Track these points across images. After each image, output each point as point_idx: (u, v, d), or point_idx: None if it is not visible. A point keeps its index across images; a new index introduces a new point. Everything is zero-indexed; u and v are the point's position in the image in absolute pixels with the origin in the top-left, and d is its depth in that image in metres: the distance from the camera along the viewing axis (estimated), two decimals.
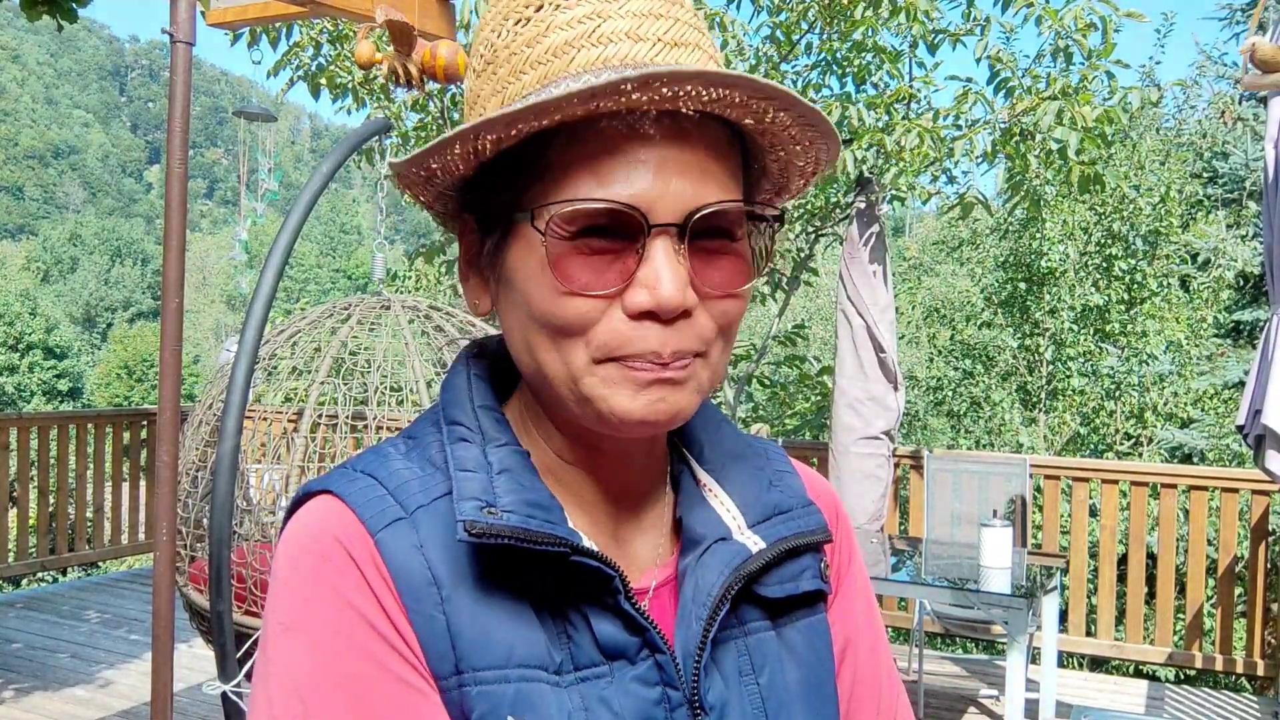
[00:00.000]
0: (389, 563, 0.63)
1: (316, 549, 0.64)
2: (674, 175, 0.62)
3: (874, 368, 5.18)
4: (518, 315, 0.66)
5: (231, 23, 3.07)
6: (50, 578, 10.45)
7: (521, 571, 0.64)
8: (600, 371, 0.63)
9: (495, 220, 0.67)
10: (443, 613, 0.63)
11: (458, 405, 0.70)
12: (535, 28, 0.64)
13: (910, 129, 4.90)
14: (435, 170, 0.65)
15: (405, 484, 0.66)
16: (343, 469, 0.68)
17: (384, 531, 0.64)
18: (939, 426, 12.32)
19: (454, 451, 0.67)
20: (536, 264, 0.63)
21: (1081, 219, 10.71)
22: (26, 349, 36.50)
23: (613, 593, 0.65)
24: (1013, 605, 3.57)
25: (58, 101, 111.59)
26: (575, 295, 0.62)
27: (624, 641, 0.65)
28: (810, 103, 0.64)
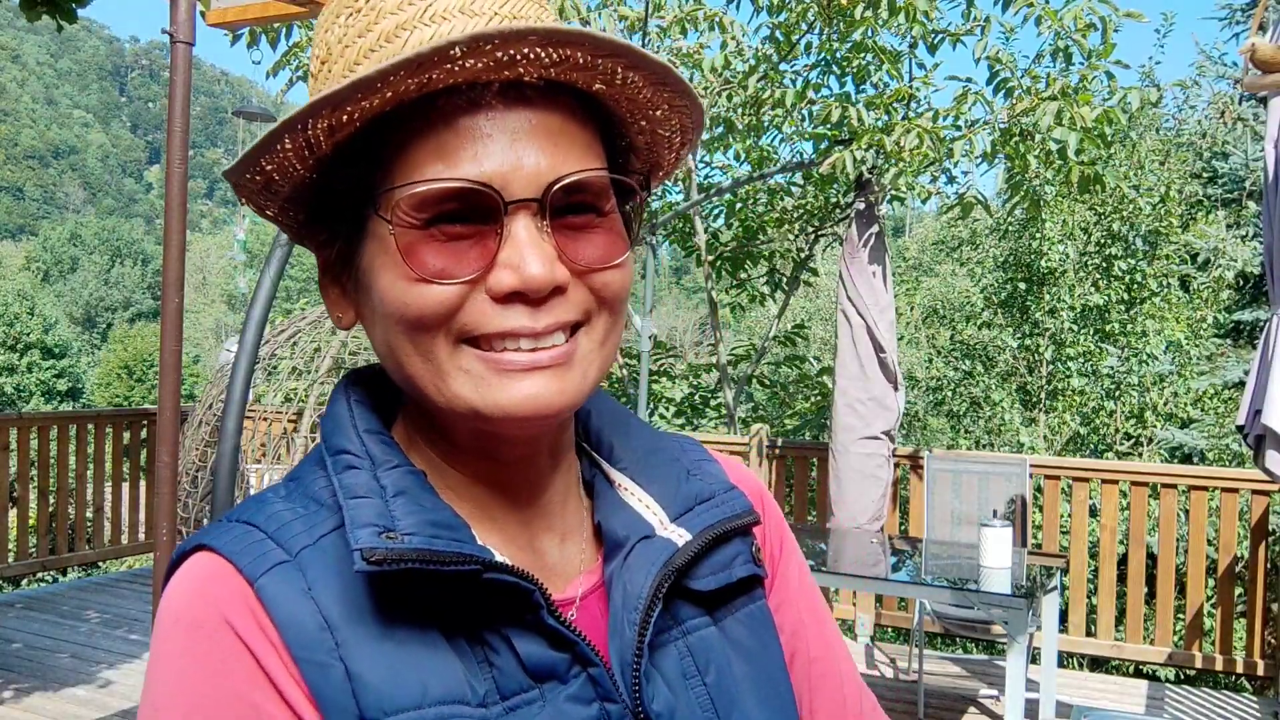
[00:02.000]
0: (273, 612, 0.57)
1: (187, 617, 0.57)
2: (527, 148, 0.58)
3: (874, 368, 5.18)
4: (377, 319, 0.61)
5: (231, 23, 3.07)
6: (50, 578, 10.45)
7: (429, 598, 0.59)
8: (465, 363, 0.59)
9: (343, 221, 0.62)
10: (339, 659, 0.56)
11: (340, 433, 0.64)
12: (365, 17, 0.60)
13: (910, 129, 4.91)
14: (271, 173, 0.60)
15: (286, 525, 0.60)
16: (218, 521, 0.62)
17: (265, 578, 0.58)
18: (939, 426, 12.32)
19: (342, 480, 0.61)
20: (389, 257, 0.59)
21: (1081, 219, 10.72)
22: (25, 349, 36.49)
23: (533, 608, 0.60)
24: (1013, 605, 3.57)
25: (58, 101, 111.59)
26: (430, 282, 0.58)
27: (552, 659, 0.60)
28: (658, 59, 0.59)
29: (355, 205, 0.61)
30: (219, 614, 0.57)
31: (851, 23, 5.39)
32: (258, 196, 0.63)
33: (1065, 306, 10.65)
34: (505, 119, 0.58)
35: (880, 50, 5.76)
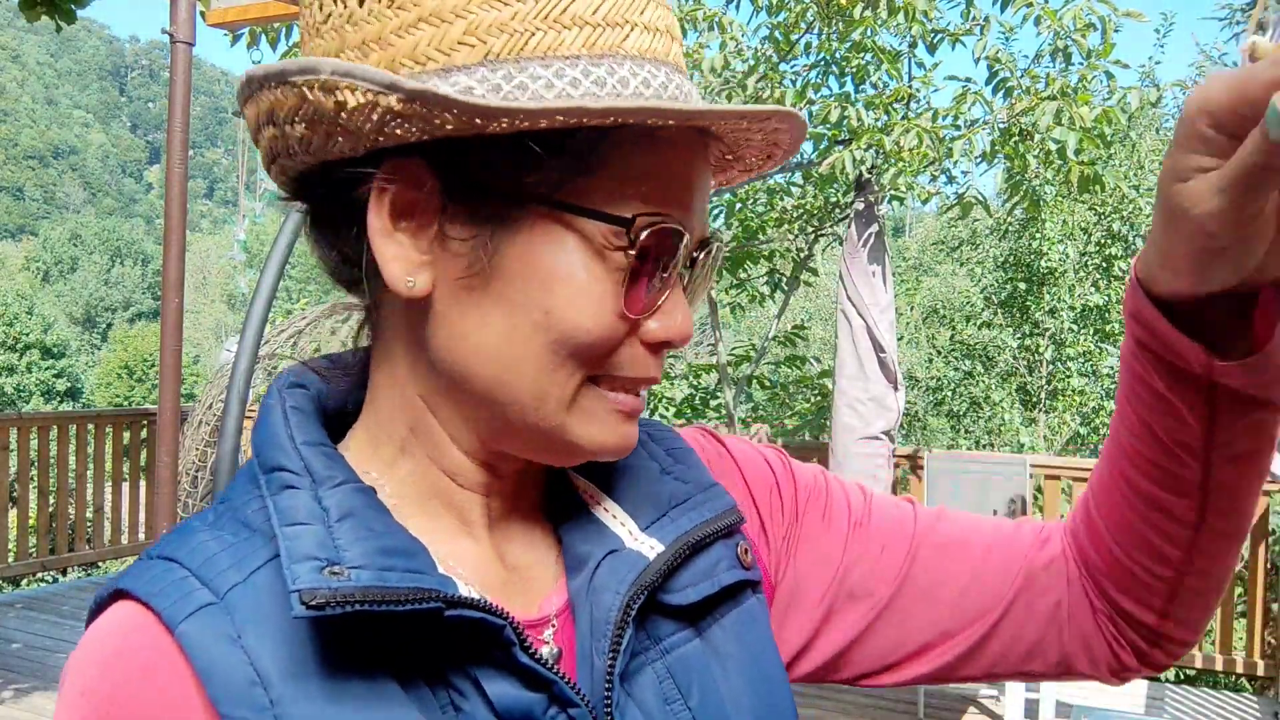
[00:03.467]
0: (197, 664, 0.49)
1: (99, 689, 0.50)
2: (699, 199, 0.57)
3: (874, 368, 5.18)
4: (508, 323, 0.54)
5: (231, 23, 3.07)
6: (50, 578, 10.45)
7: (381, 640, 0.51)
8: (586, 400, 0.55)
9: (493, 195, 0.53)
10: (273, 718, 0.49)
11: (275, 447, 0.56)
12: None
13: (909, 129, 4.91)
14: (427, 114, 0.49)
15: (212, 559, 0.52)
16: (139, 559, 0.55)
17: (186, 624, 0.50)
18: (939, 426, 12.32)
19: (278, 503, 0.53)
20: (593, 277, 0.53)
21: (1081, 219, 10.73)
22: (24, 349, 36.50)
23: (503, 645, 0.53)
24: None
25: (58, 101, 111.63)
26: (625, 319, 0.54)
27: (527, 701, 0.53)
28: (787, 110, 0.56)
29: (532, 190, 0.53)
30: (134, 686, 0.50)
31: (851, 23, 5.39)
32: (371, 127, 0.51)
33: (1065, 306, 10.65)
34: (697, 165, 0.56)
35: (880, 50, 5.76)
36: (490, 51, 0.51)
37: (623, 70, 0.52)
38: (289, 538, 0.51)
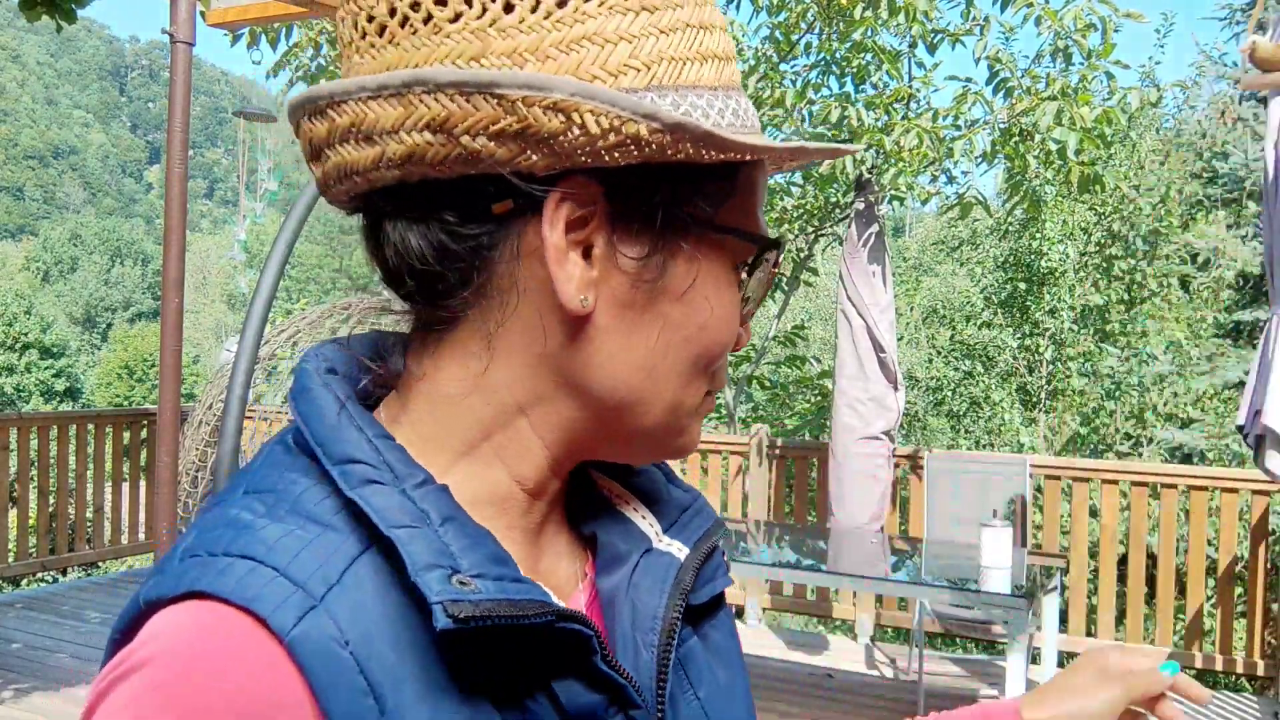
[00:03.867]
0: (311, 674, 0.46)
1: (198, 703, 0.45)
2: None
3: (874, 368, 5.18)
4: (665, 337, 0.56)
5: (231, 23, 3.07)
6: (50, 578, 10.45)
7: (476, 645, 0.51)
8: (702, 406, 0.60)
9: (658, 217, 0.54)
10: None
11: (341, 437, 0.54)
12: (701, 8, 0.56)
13: (909, 129, 4.91)
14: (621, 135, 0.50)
15: (297, 559, 0.49)
16: (193, 559, 0.49)
17: (296, 631, 0.47)
18: (939, 426, 12.32)
19: (370, 501, 0.51)
20: (734, 292, 0.58)
21: (1081, 219, 10.72)
22: (23, 349, 36.50)
23: (588, 653, 0.54)
24: (1013, 605, 3.57)
25: (58, 101, 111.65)
26: (743, 326, 0.60)
27: (592, 703, 0.54)
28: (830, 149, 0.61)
29: (697, 215, 0.55)
30: (244, 692, 0.45)
31: (851, 23, 5.40)
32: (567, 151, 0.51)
33: (1065, 306, 10.65)
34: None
35: (880, 50, 5.76)
36: (655, 78, 0.52)
37: (739, 102, 0.56)
38: (404, 542, 0.49)
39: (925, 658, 4.75)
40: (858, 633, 5.68)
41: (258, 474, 0.55)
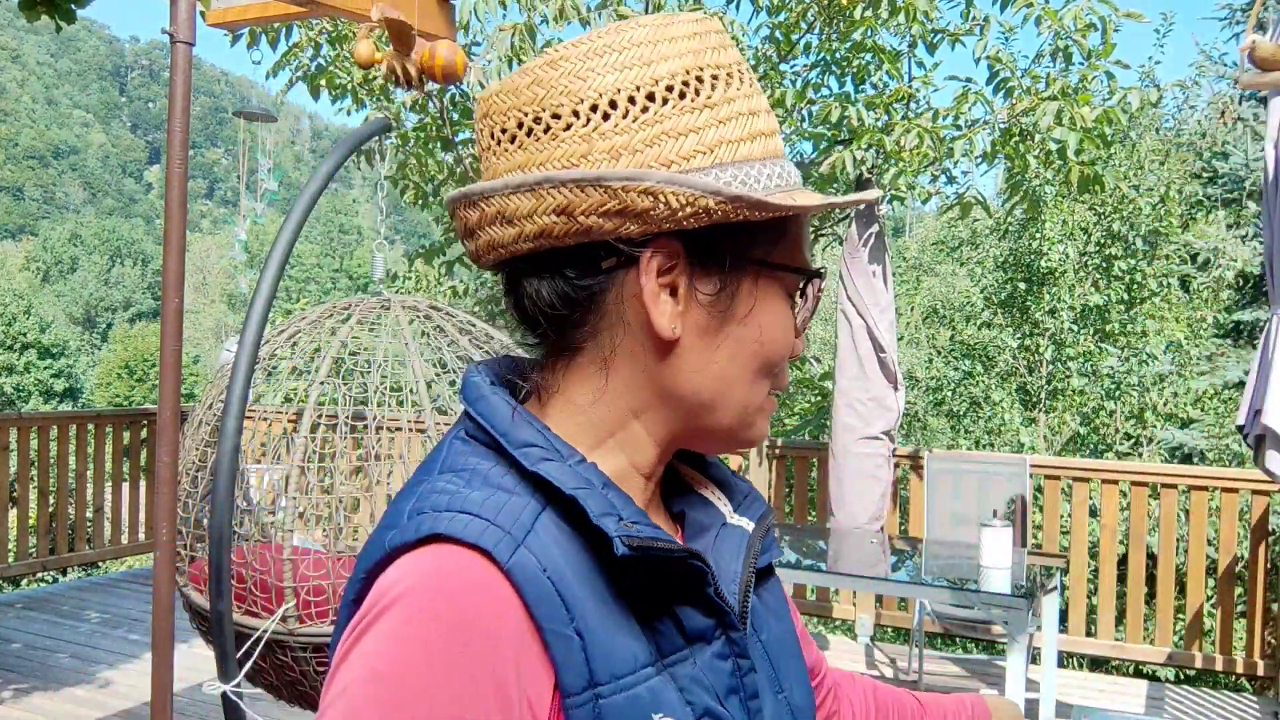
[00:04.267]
0: (525, 593, 0.64)
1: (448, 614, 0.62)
2: None
3: (874, 368, 5.18)
4: (735, 352, 0.74)
5: (231, 23, 3.07)
6: (50, 578, 10.45)
7: (625, 577, 0.69)
8: (766, 404, 0.77)
9: (725, 261, 0.72)
10: (575, 631, 0.65)
11: (518, 429, 0.72)
12: (752, 100, 0.74)
13: (909, 129, 4.90)
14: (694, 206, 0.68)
15: (501, 513, 0.67)
16: (421, 515, 0.67)
17: (512, 562, 0.65)
18: (939, 426, 12.31)
19: (550, 472, 0.69)
20: (788, 312, 0.76)
21: (1081, 219, 10.72)
22: (22, 349, 36.47)
23: (704, 585, 0.72)
24: (1013, 605, 3.57)
25: (58, 101, 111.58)
26: (797, 338, 0.77)
27: (704, 625, 0.73)
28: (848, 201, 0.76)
29: (754, 257, 0.73)
30: (482, 607, 0.63)
31: (851, 22, 5.39)
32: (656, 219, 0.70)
33: (1065, 306, 10.65)
34: None
35: (880, 50, 5.76)
36: (717, 159, 0.70)
37: (783, 166, 0.74)
38: (583, 499, 0.68)
39: (925, 658, 4.75)
40: (858, 633, 5.68)
41: (448, 460, 0.73)
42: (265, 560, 2.57)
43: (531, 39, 5.63)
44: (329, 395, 2.75)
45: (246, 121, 8.41)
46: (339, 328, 2.85)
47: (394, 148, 6.85)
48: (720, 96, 0.72)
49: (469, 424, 0.75)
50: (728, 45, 0.74)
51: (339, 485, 2.79)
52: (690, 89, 0.71)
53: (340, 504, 2.71)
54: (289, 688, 2.68)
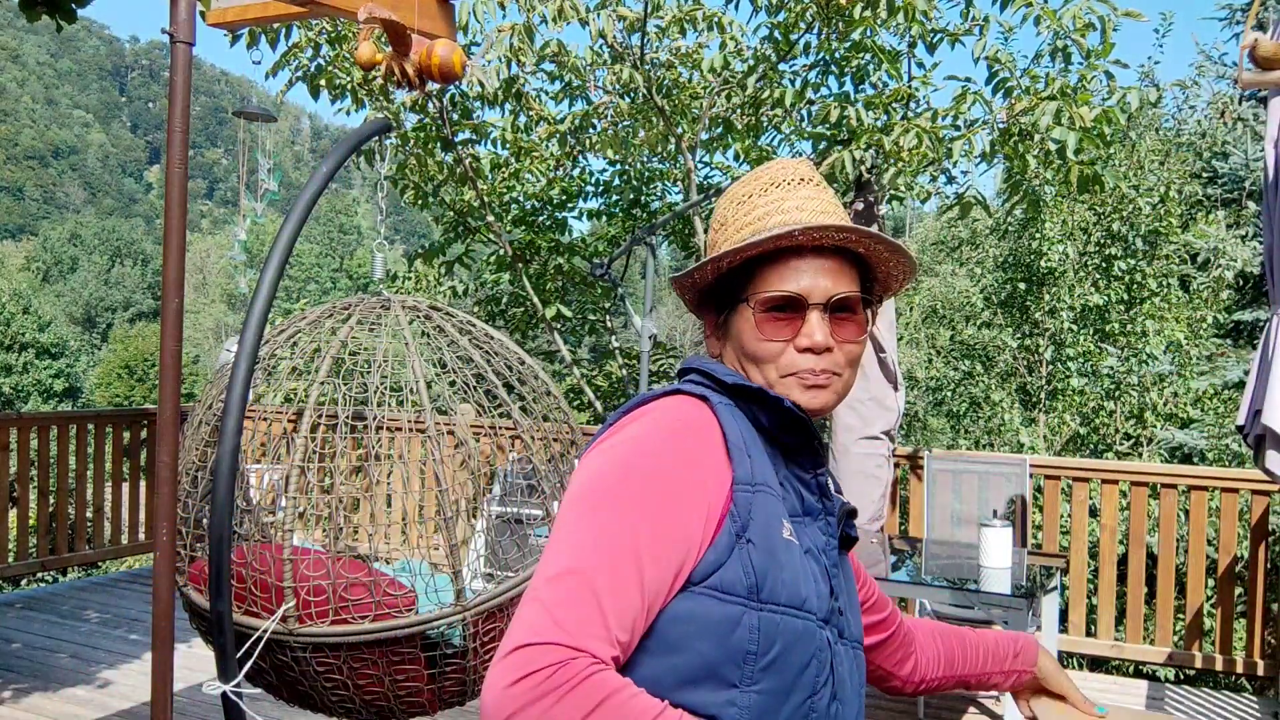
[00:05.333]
0: (725, 426, 1.11)
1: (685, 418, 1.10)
2: (822, 277, 1.16)
3: (874, 368, 5.18)
4: (739, 354, 1.20)
5: (231, 23, 3.07)
6: (50, 578, 10.45)
7: (776, 443, 1.17)
8: (783, 381, 1.17)
9: (725, 304, 1.22)
10: (748, 455, 1.10)
11: (723, 372, 1.18)
12: (747, 206, 1.21)
13: (909, 129, 4.90)
14: (695, 279, 1.21)
15: (709, 392, 1.15)
16: (666, 388, 1.16)
17: (717, 408, 1.12)
18: (939, 427, 12.31)
19: (740, 380, 1.16)
20: (750, 326, 1.17)
21: (1081, 219, 10.71)
22: (20, 349, 36.44)
23: (818, 473, 1.21)
24: (1013, 605, 3.57)
25: (58, 101, 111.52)
26: (768, 341, 1.16)
27: (815, 505, 1.19)
28: (893, 240, 1.17)
29: (733, 297, 1.20)
30: (701, 420, 1.11)
31: (850, 22, 5.39)
32: (686, 291, 1.24)
33: (1065, 306, 10.64)
34: (812, 262, 1.16)
35: (879, 50, 5.76)
36: (737, 238, 1.21)
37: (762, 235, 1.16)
38: (762, 389, 1.15)
39: None
40: None
41: (684, 380, 1.22)
42: (265, 560, 2.57)
43: (530, 39, 5.64)
44: (329, 395, 2.75)
45: (246, 121, 8.41)
46: (339, 328, 2.85)
47: (394, 148, 6.85)
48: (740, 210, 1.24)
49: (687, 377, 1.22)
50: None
51: (339, 485, 2.79)
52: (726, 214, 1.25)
53: (340, 504, 2.71)
54: (289, 688, 2.69)
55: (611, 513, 0.99)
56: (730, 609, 1.01)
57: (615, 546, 0.96)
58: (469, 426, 3.27)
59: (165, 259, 2.38)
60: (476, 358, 2.91)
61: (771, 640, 1.02)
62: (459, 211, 7.69)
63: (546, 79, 6.93)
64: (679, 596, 1.01)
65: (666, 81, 6.47)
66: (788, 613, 1.04)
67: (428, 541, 5.12)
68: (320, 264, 65.98)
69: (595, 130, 6.91)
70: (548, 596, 0.92)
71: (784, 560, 1.06)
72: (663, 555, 0.98)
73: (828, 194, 1.22)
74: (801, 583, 1.07)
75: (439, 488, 2.63)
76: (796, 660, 1.04)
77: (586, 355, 12.14)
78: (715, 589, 1.01)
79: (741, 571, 1.02)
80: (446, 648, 2.64)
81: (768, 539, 1.05)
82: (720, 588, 1.01)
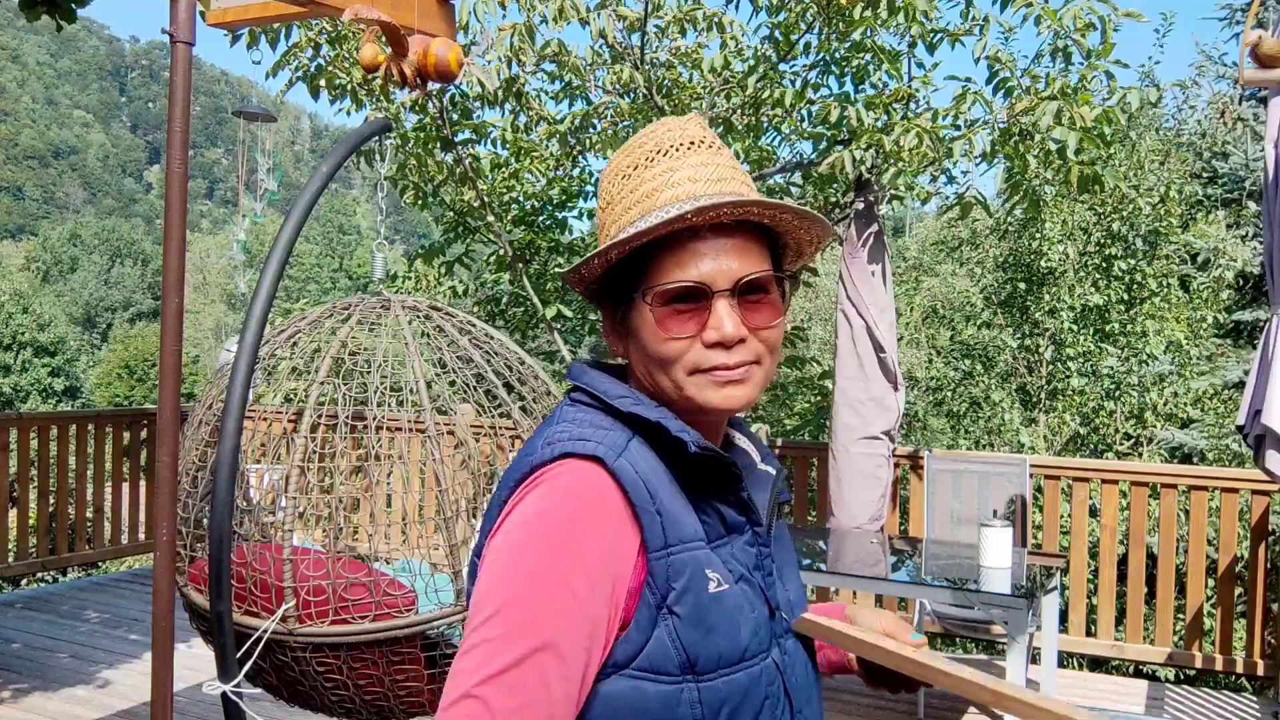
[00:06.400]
0: (625, 485, 0.98)
1: (579, 488, 0.97)
2: (725, 259, 1.02)
3: (874, 368, 5.17)
4: (641, 354, 1.06)
5: (231, 23, 3.07)
6: (50, 578, 10.44)
7: (689, 480, 1.03)
8: (693, 381, 1.03)
9: (622, 299, 1.07)
10: (657, 511, 0.98)
11: (614, 389, 1.06)
12: (633, 180, 1.06)
13: (909, 129, 4.90)
14: (583, 273, 1.07)
15: (605, 438, 1.01)
16: (552, 445, 1.01)
17: (615, 466, 0.98)
18: (939, 427, 12.30)
19: (640, 409, 1.03)
20: (649, 324, 1.03)
21: (1081, 219, 10.71)
22: (19, 348, 36.43)
23: (739, 488, 1.06)
24: (1013, 605, 3.57)
25: (58, 102, 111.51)
26: (671, 340, 1.02)
27: (739, 520, 1.07)
28: (798, 206, 1.03)
29: (628, 290, 1.05)
30: (594, 490, 0.97)
31: (850, 22, 5.39)
32: (576, 284, 1.08)
33: (1065, 306, 10.64)
34: (712, 243, 1.02)
35: (879, 50, 5.76)
36: (608, 234, 1.08)
37: (651, 216, 1.03)
38: (665, 420, 1.02)
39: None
40: None
41: (564, 414, 1.07)
42: (265, 560, 2.57)
43: (531, 39, 5.64)
44: (329, 395, 2.75)
45: (246, 121, 8.40)
46: (339, 328, 2.85)
47: (394, 148, 6.85)
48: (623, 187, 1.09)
49: (574, 393, 1.10)
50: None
51: (339, 485, 2.79)
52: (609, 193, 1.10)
53: (340, 504, 2.71)
54: (289, 688, 2.68)
55: (515, 627, 0.90)
56: (667, 689, 0.95)
57: (520, 672, 0.88)
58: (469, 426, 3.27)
59: (165, 259, 2.38)
60: (476, 358, 2.91)
61: (717, 707, 0.97)
62: (459, 212, 7.69)
63: (546, 79, 6.93)
64: (612, 679, 0.95)
65: (666, 82, 6.47)
66: (731, 673, 0.98)
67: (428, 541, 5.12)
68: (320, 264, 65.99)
69: (595, 130, 6.91)
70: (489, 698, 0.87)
71: (716, 621, 0.98)
72: (571, 663, 0.91)
73: (724, 156, 1.06)
74: (740, 629, 1.00)
75: (439, 488, 2.63)
76: (748, 710, 1.00)
77: (587, 355, 12.15)
78: (646, 670, 0.95)
79: (671, 648, 0.96)
80: (446, 648, 2.64)
81: (695, 605, 0.97)
82: (651, 668, 0.95)
